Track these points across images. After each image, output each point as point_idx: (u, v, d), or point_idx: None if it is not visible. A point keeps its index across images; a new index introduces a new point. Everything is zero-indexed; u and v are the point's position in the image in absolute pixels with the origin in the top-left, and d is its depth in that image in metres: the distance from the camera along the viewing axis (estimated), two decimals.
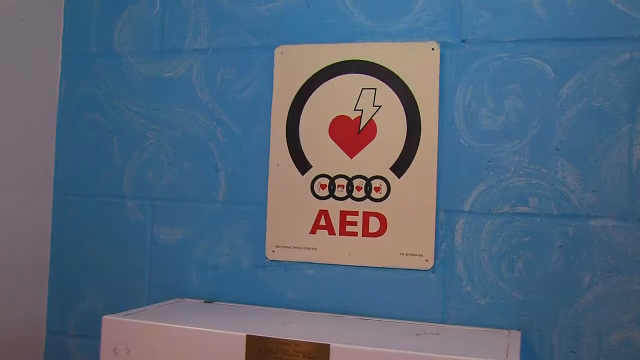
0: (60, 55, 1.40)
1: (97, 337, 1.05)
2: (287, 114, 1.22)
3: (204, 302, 1.24)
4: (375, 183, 1.17)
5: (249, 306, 1.22)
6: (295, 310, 1.19)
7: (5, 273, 1.27)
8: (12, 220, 1.29)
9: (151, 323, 1.01)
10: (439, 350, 0.91)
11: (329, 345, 0.90)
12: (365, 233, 1.17)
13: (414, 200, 1.14)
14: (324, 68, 1.21)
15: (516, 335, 1.04)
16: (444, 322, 1.12)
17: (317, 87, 1.21)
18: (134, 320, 1.02)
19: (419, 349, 0.90)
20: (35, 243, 1.36)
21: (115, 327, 1.02)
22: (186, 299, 1.26)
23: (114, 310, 1.09)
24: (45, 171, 1.38)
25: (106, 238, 1.34)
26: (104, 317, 1.03)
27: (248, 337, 0.94)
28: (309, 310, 1.19)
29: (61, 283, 1.37)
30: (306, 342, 0.92)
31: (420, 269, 1.14)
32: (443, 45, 1.15)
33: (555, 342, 1.07)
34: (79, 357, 1.35)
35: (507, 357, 0.88)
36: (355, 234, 1.17)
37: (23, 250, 1.32)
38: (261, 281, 1.23)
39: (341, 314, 1.17)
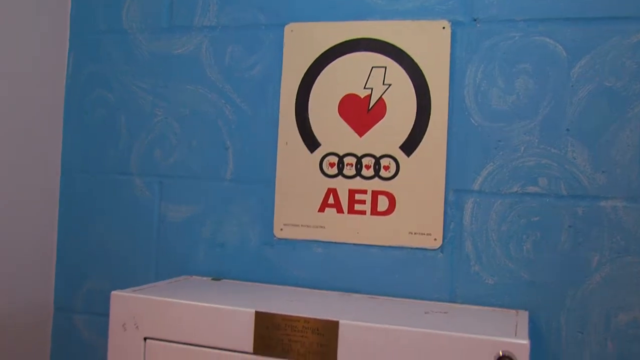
0: (68, 32, 1.39)
1: (104, 313, 1.06)
2: (296, 92, 1.22)
3: (212, 279, 1.24)
4: (384, 162, 1.16)
5: (257, 284, 1.22)
6: (302, 288, 1.19)
7: (13, 250, 1.27)
8: (20, 198, 1.29)
9: (160, 299, 1.01)
10: (447, 328, 0.91)
11: (338, 321, 0.91)
12: (374, 212, 1.16)
13: (423, 180, 1.14)
14: (333, 46, 1.20)
15: (524, 315, 1.04)
16: (452, 301, 1.12)
17: (326, 65, 1.20)
18: (142, 296, 1.02)
19: (427, 327, 0.91)
20: (42, 220, 1.36)
21: (124, 302, 1.02)
22: (194, 277, 1.26)
23: (121, 287, 1.08)
24: (52, 149, 1.38)
25: (114, 215, 1.34)
26: (113, 292, 1.03)
27: (257, 313, 0.94)
28: (317, 289, 1.19)
29: (69, 260, 1.38)
30: (315, 318, 0.92)
31: (428, 248, 1.14)
32: (454, 24, 1.14)
33: (563, 322, 1.07)
34: (86, 333, 1.36)
35: (515, 335, 0.88)
36: (363, 212, 1.17)
37: (31, 228, 1.33)
38: (269, 259, 1.23)
39: (349, 292, 1.18)
